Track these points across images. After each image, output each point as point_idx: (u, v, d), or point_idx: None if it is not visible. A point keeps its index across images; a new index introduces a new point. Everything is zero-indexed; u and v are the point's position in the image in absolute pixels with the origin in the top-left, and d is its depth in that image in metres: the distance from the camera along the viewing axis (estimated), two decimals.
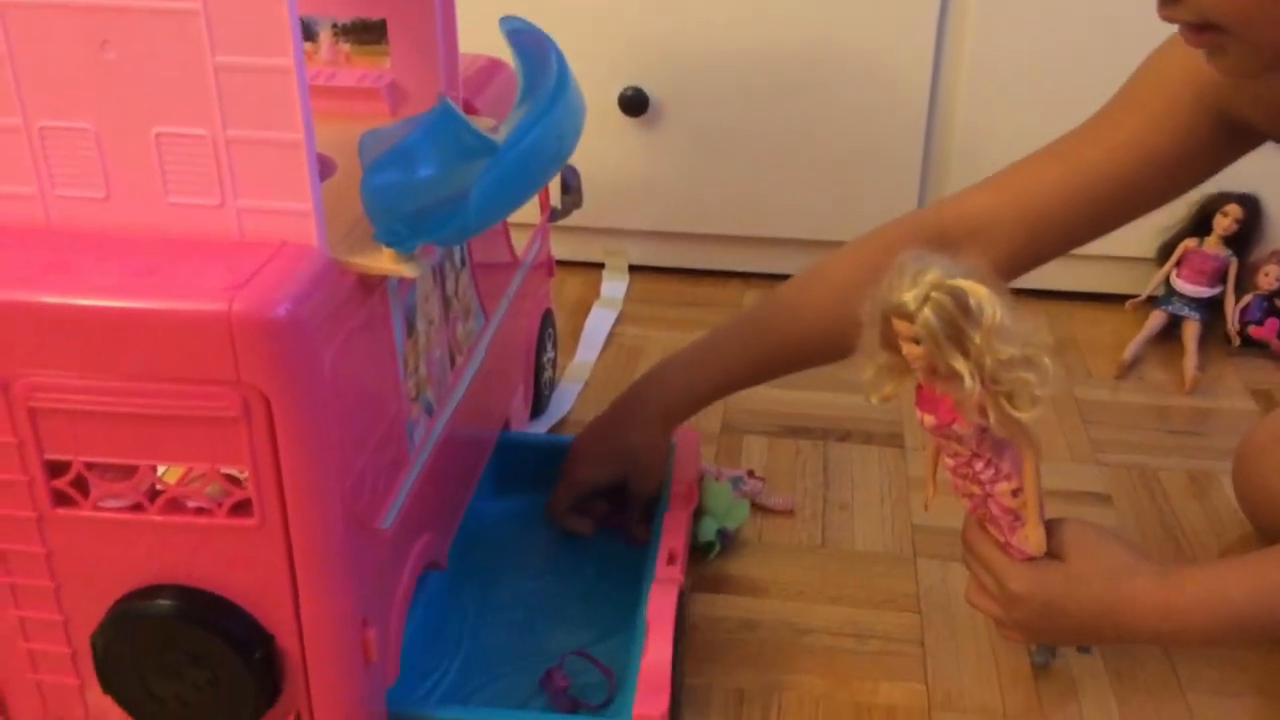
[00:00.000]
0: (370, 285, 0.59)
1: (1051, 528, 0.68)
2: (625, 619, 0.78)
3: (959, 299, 0.58)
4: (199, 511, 0.56)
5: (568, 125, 0.65)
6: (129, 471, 0.55)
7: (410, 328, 0.66)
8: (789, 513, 0.92)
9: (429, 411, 0.70)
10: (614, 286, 1.29)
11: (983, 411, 0.61)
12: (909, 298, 0.59)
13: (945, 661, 0.77)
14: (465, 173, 0.57)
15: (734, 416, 1.05)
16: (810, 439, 1.02)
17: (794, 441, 1.02)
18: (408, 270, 0.56)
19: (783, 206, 1.26)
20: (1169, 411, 1.06)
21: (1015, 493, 0.66)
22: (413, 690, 0.71)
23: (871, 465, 0.99)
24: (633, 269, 1.32)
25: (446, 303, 0.73)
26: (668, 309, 1.26)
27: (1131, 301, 1.22)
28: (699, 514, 0.87)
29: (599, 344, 1.17)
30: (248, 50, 0.51)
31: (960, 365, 0.59)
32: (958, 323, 0.58)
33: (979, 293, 0.58)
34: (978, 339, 0.58)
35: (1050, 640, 0.74)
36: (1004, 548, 0.69)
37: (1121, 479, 0.96)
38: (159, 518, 0.55)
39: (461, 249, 0.76)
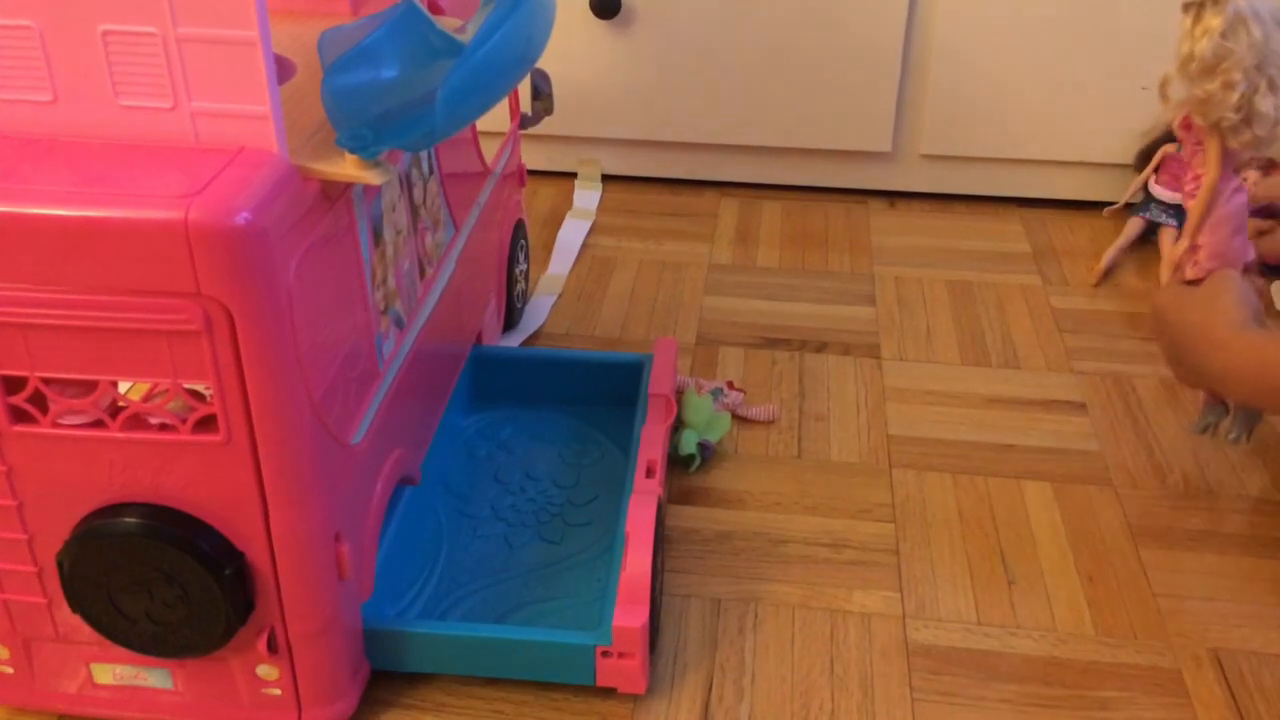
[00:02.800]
0: (334, 193, 0.56)
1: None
2: (605, 531, 0.78)
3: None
4: (163, 428, 0.54)
5: (536, 25, 0.63)
6: (89, 387, 0.53)
7: (377, 238, 0.64)
8: (770, 422, 0.92)
9: (399, 324, 0.68)
10: (587, 196, 1.26)
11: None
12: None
13: (920, 570, 0.78)
14: (431, 74, 0.55)
15: (710, 328, 1.04)
16: (787, 349, 1.02)
17: (770, 352, 1.01)
18: (372, 177, 0.54)
19: (759, 114, 1.23)
20: (1145, 319, 1.06)
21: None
22: (389, 606, 0.71)
23: (848, 376, 0.98)
24: (606, 178, 1.30)
25: (414, 212, 0.71)
26: (642, 219, 1.24)
27: (1109, 209, 1.21)
28: (679, 426, 0.86)
29: (572, 256, 1.15)
30: None
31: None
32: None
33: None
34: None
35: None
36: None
37: (1097, 387, 0.96)
38: (121, 434, 0.54)
39: (429, 156, 0.74)
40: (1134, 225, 1.15)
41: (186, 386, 0.53)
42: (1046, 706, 0.68)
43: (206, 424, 0.54)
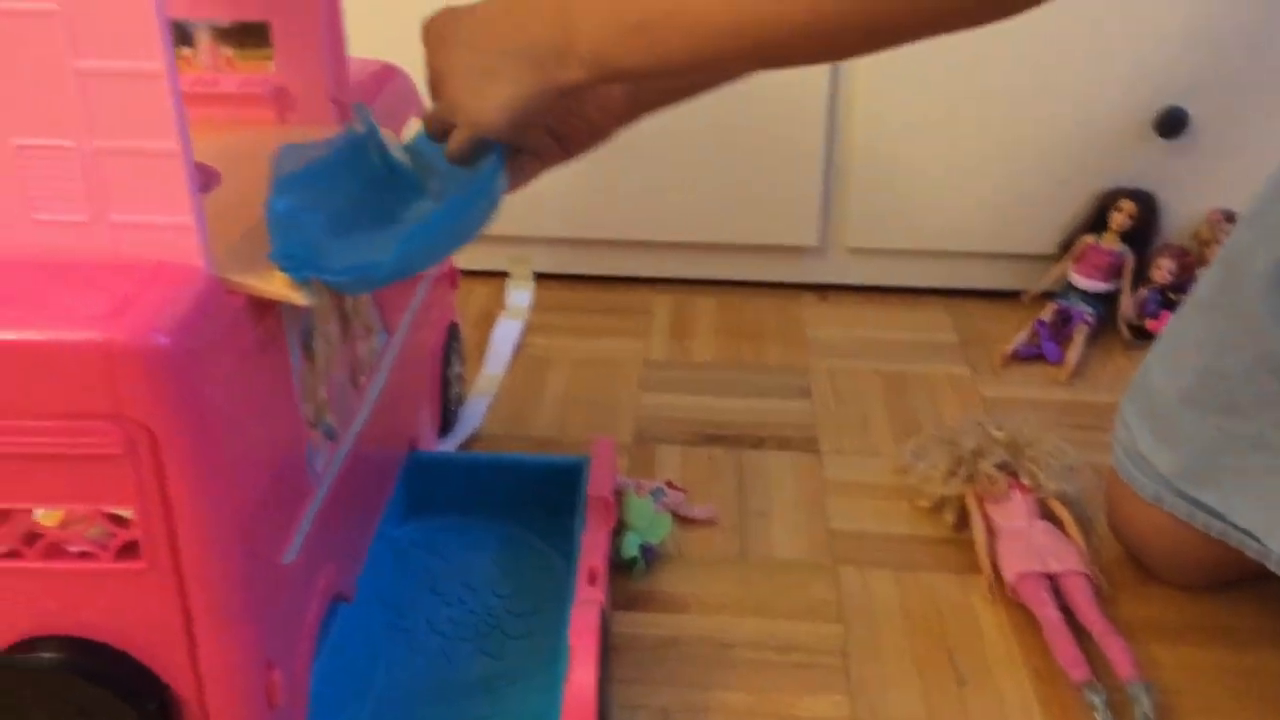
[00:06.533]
0: (262, 306, 0.55)
1: None
2: (546, 642, 0.75)
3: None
4: (82, 556, 0.51)
5: (498, 194, 0.64)
6: (3, 516, 0.50)
7: (307, 349, 0.62)
8: (711, 522, 0.91)
9: (331, 436, 0.66)
10: (519, 295, 1.26)
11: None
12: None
13: (868, 671, 0.76)
14: (378, 201, 0.55)
15: (647, 425, 1.03)
16: (725, 446, 1.01)
17: (708, 449, 1.01)
18: (300, 297, 0.53)
19: (689, 210, 1.25)
20: (1074, 407, 1.07)
21: None
22: None
23: (787, 471, 0.98)
24: (538, 276, 1.29)
25: (345, 320, 0.69)
26: (576, 317, 1.23)
27: (1027, 294, 1.23)
28: (620, 529, 0.84)
29: (506, 356, 1.14)
30: (112, 53, 0.47)
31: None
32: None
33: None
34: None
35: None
36: None
37: None
38: (38, 564, 0.51)
39: None
40: (1049, 313, 1.18)
41: (107, 511, 0.50)
42: None
43: (129, 550, 0.51)
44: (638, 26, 0.59)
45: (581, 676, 0.64)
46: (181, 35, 0.72)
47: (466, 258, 1.20)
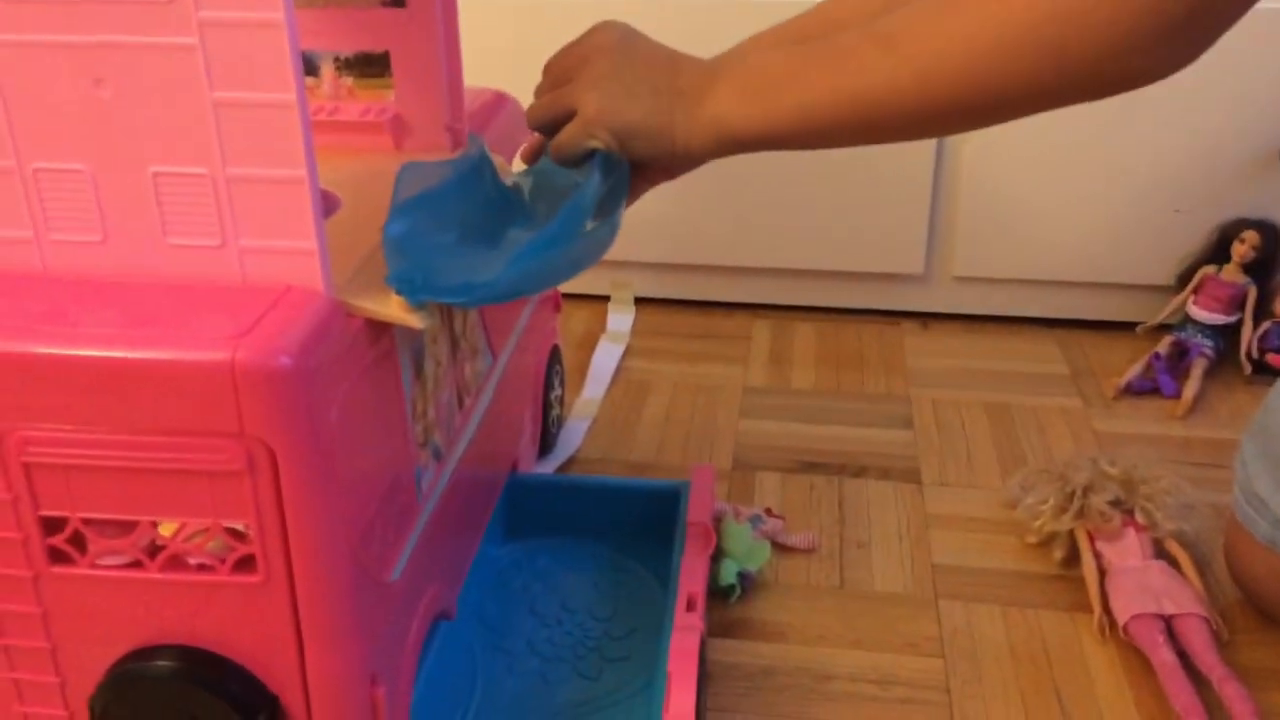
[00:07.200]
0: (378, 328, 0.56)
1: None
2: (643, 667, 0.75)
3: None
4: (201, 568, 0.53)
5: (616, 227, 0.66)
6: (128, 527, 0.52)
7: (418, 370, 0.64)
8: (810, 551, 0.90)
9: (437, 456, 0.68)
10: (620, 320, 1.27)
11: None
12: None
13: (972, 710, 0.75)
14: (491, 226, 0.56)
15: (745, 452, 1.03)
16: (825, 474, 1.00)
17: (808, 477, 1.00)
18: (416, 320, 0.54)
19: (791, 236, 1.24)
20: (1191, 443, 1.04)
21: None
22: None
23: (888, 501, 0.96)
24: (639, 301, 1.30)
25: (454, 342, 0.71)
26: (675, 342, 1.24)
27: (1143, 326, 1.20)
28: (718, 555, 0.84)
29: (606, 379, 1.15)
30: (248, 85, 0.49)
31: None
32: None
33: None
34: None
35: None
36: None
37: None
38: (159, 575, 0.53)
39: None
40: (1165, 345, 1.14)
41: (225, 526, 0.52)
42: None
43: (245, 564, 0.53)
44: (757, 91, 0.63)
45: (680, 703, 0.64)
46: (307, 65, 0.74)
47: (569, 281, 1.21)
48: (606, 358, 1.19)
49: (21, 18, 0.48)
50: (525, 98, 0.73)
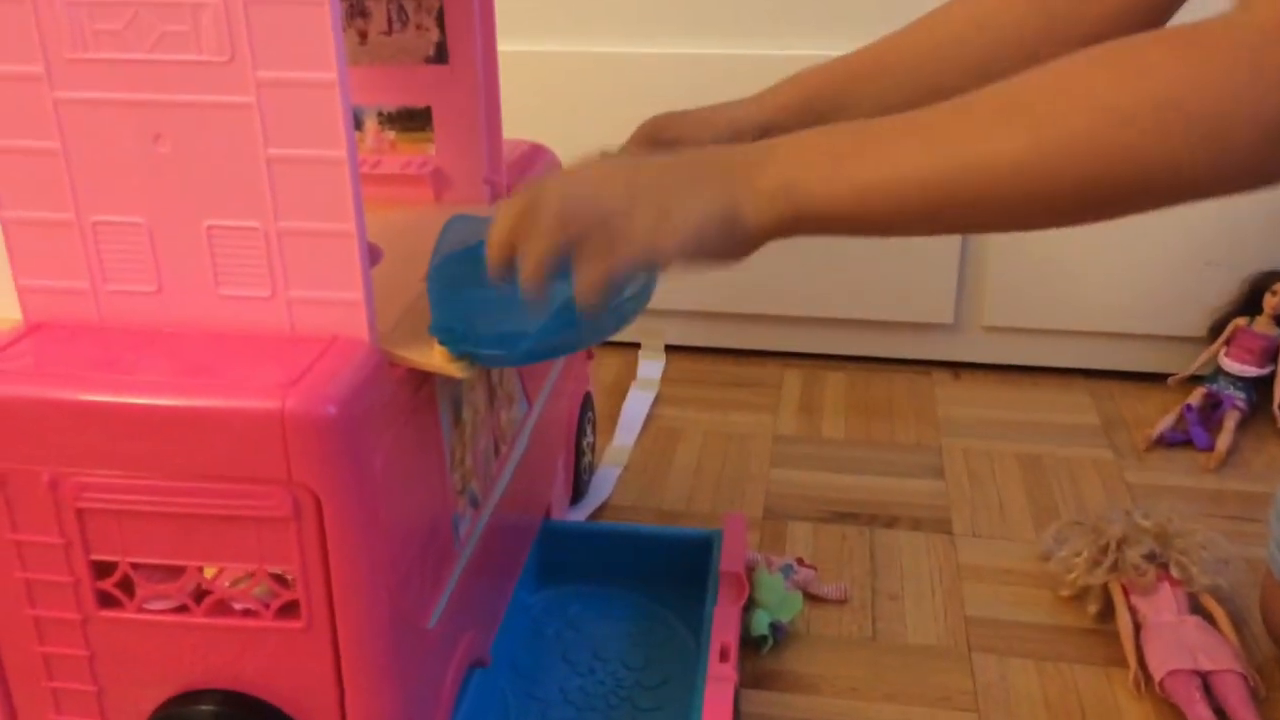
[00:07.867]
0: (419, 377, 0.57)
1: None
2: (677, 718, 0.75)
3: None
4: (246, 613, 0.54)
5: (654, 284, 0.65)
6: (175, 572, 0.53)
7: (457, 418, 0.64)
8: (842, 602, 0.90)
9: (474, 503, 0.68)
10: (651, 367, 1.27)
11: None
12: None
13: None
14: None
15: (777, 501, 1.03)
16: (856, 524, 1.00)
17: (840, 527, 1.00)
18: (457, 370, 0.55)
19: (821, 286, 1.25)
20: (1224, 496, 1.03)
21: None
22: None
23: (920, 552, 0.96)
24: (669, 349, 1.31)
25: (491, 390, 0.72)
26: (706, 390, 1.24)
27: (1174, 378, 1.20)
28: (750, 606, 0.84)
29: (637, 426, 1.16)
30: (301, 142, 0.50)
31: None
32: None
33: None
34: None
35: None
36: None
37: None
38: (205, 620, 0.54)
39: None
40: (1197, 397, 1.14)
41: (270, 571, 0.53)
42: None
43: (289, 610, 0.53)
44: (835, 154, 0.54)
45: None
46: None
47: None
48: (637, 405, 1.19)
49: (85, 76, 0.50)
50: (559, 148, 0.74)
